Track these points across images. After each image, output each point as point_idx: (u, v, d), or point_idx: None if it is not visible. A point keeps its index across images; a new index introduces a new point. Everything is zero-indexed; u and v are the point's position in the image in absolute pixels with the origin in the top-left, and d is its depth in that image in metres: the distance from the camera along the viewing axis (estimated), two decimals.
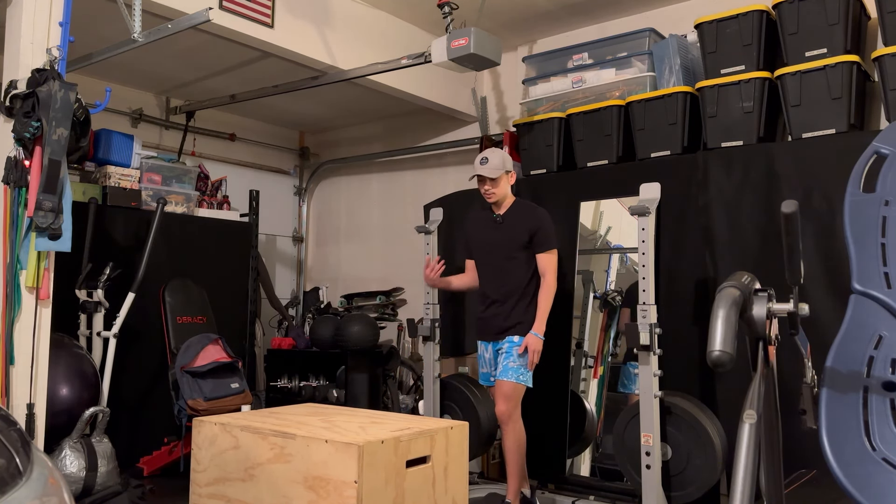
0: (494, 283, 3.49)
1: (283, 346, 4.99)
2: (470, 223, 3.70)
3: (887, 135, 2.30)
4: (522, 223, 3.45)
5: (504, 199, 3.52)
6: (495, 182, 3.46)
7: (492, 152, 3.49)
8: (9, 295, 2.74)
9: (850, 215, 2.21)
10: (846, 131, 3.25)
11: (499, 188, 3.47)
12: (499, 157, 3.47)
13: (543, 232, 3.42)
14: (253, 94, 4.78)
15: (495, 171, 3.43)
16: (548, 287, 3.39)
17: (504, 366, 3.37)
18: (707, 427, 3.24)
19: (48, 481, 1.53)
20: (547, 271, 3.41)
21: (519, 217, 3.48)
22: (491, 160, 3.45)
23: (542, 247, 3.42)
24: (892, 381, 1.99)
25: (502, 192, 3.50)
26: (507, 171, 3.48)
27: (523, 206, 3.54)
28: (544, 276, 3.41)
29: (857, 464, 1.94)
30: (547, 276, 3.40)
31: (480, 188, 3.49)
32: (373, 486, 2.14)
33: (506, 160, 3.48)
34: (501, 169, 3.45)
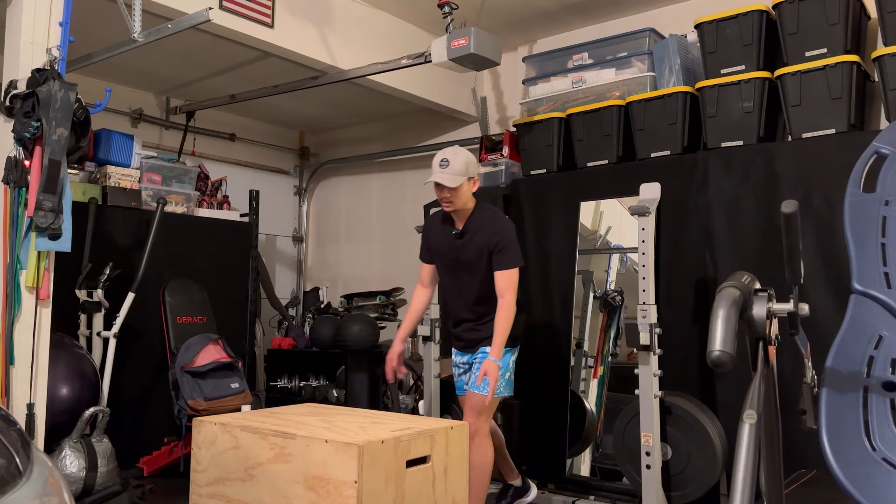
0: (462, 302, 3.20)
1: (283, 346, 4.99)
2: (430, 229, 3.30)
3: (887, 135, 2.30)
4: (481, 238, 3.05)
5: (464, 207, 3.09)
6: (455, 191, 3.00)
7: (453, 154, 3.02)
8: (9, 295, 2.74)
9: (850, 215, 2.21)
10: (846, 131, 3.25)
11: (458, 196, 3.01)
12: (461, 160, 2.99)
13: (502, 247, 3.01)
14: (253, 94, 4.78)
15: (455, 178, 2.97)
16: (506, 308, 2.97)
17: (476, 376, 3.10)
18: (707, 427, 3.24)
19: (48, 481, 1.53)
20: (506, 291, 2.99)
21: (478, 231, 3.08)
22: (452, 163, 2.98)
23: (500, 264, 3.01)
24: (892, 381, 1.99)
25: (462, 201, 3.04)
26: (469, 177, 3.02)
27: (483, 218, 3.10)
28: (502, 297, 2.99)
29: (857, 464, 1.94)
30: (505, 296, 2.98)
31: (437, 194, 3.05)
32: (373, 486, 2.14)
33: (469, 165, 3.02)
34: (464, 175, 2.98)
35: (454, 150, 3.04)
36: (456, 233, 3.13)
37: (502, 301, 2.99)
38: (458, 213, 3.11)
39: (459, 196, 3.02)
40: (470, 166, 3.03)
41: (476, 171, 3.09)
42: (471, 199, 3.11)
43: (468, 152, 3.08)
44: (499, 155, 4.47)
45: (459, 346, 3.31)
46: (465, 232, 3.11)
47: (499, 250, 3.01)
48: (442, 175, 2.98)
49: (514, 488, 3.50)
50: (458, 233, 3.13)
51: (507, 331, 2.98)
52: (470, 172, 3.02)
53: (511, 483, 3.51)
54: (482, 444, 3.05)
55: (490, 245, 3.02)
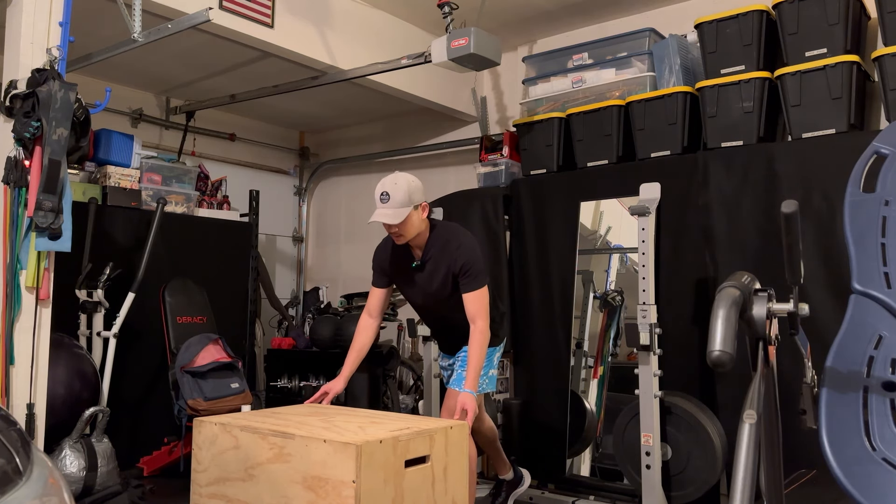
0: (440, 318, 3.09)
1: (283, 346, 4.99)
2: (386, 257, 3.06)
3: (887, 135, 2.30)
4: (443, 264, 2.88)
5: (418, 234, 2.89)
6: (403, 225, 2.80)
7: (392, 183, 2.78)
8: (9, 295, 2.74)
9: (850, 215, 2.21)
10: (846, 131, 3.25)
11: (407, 228, 2.82)
12: (402, 190, 2.76)
13: (467, 270, 2.84)
14: (253, 94, 4.78)
15: (399, 213, 2.75)
16: (480, 334, 2.81)
17: (458, 374, 2.99)
18: (707, 427, 3.24)
19: (48, 481, 1.53)
20: (477, 316, 2.82)
21: (439, 258, 2.89)
22: (393, 195, 2.75)
23: (467, 286, 2.83)
24: (892, 381, 1.99)
25: (414, 231, 2.85)
26: (414, 206, 2.80)
27: (442, 241, 2.91)
28: (474, 322, 2.82)
29: (857, 464, 1.94)
30: (477, 321, 2.81)
31: (386, 230, 2.88)
32: (371, 486, 2.14)
33: (411, 193, 2.78)
34: (408, 205, 2.76)
35: (393, 180, 2.81)
36: (416, 265, 2.94)
37: (474, 328, 2.82)
38: (415, 242, 2.93)
39: (409, 227, 2.83)
40: (413, 194, 2.79)
41: (421, 196, 2.85)
42: (423, 225, 2.90)
43: (410, 177, 2.84)
44: (499, 155, 4.48)
45: (443, 348, 3.24)
46: (426, 261, 2.92)
47: (463, 273, 2.84)
48: (384, 211, 2.77)
49: (506, 482, 3.48)
50: (418, 265, 2.94)
51: (480, 362, 2.80)
52: (414, 200, 2.80)
53: (503, 478, 3.48)
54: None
55: (454, 269, 2.85)
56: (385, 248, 3.08)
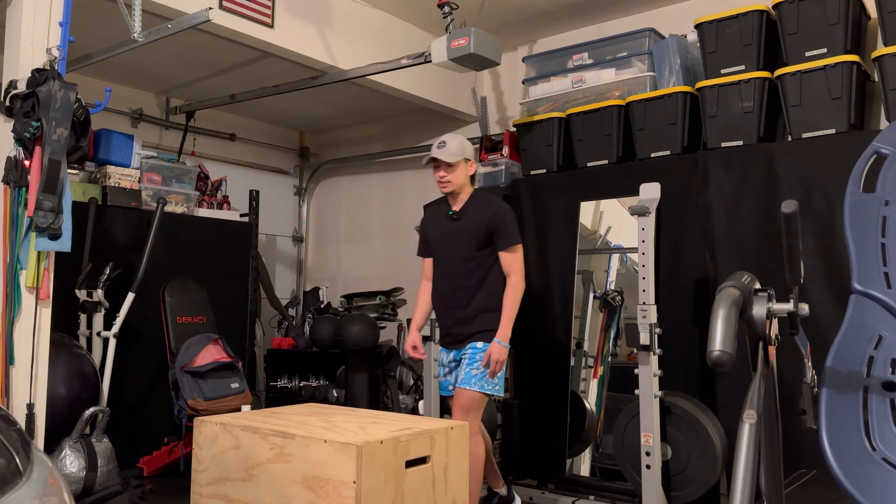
0: (453, 288, 3.17)
1: (283, 346, 4.99)
2: (426, 218, 3.36)
3: (887, 135, 2.30)
4: (479, 217, 3.11)
5: (461, 190, 3.18)
6: (451, 168, 3.12)
7: (450, 137, 3.17)
8: (9, 295, 2.74)
9: (850, 215, 2.21)
10: (846, 131, 3.25)
11: (455, 176, 3.12)
12: (457, 142, 3.14)
13: (504, 226, 3.07)
14: (253, 94, 4.78)
15: (452, 155, 3.10)
16: (513, 289, 3.05)
17: (466, 373, 3.05)
18: (707, 427, 3.24)
19: (48, 481, 1.53)
20: (512, 270, 3.07)
21: (476, 211, 3.14)
22: (448, 144, 3.12)
23: (504, 243, 3.07)
24: (892, 381, 1.99)
25: (458, 182, 3.14)
26: (465, 158, 3.14)
27: (481, 199, 3.18)
28: (509, 277, 3.07)
29: (857, 464, 1.94)
30: (512, 276, 3.07)
31: (435, 175, 3.17)
32: (371, 487, 2.14)
33: (465, 147, 3.16)
34: (459, 155, 3.11)
35: (451, 135, 3.19)
36: (452, 213, 3.18)
37: (509, 281, 3.07)
38: (456, 196, 3.19)
39: (456, 175, 3.13)
40: (466, 148, 3.15)
41: (472, 154, 3.18)
42: (468, 183, 3.20)
43: (463, 138, 3.20)
44: (499, 155, 4.48)
45: (447, 341, 3.23)
46: (463, 213, 3.17)
47: (499, 230, 3.07)
48: (439, 152, 3.10)
49: (499, 496, 3.45)
50: (454, 213, 3.18)
51: (514, 311, 3.04)
52: (466, 154, 3.14)
53: (496, 491, 3.45)
54: (474, 441, 3.01)
55: (491, 224, 3.07)
56: (426, 213, 3.38)
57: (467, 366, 3.06)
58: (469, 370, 3.04)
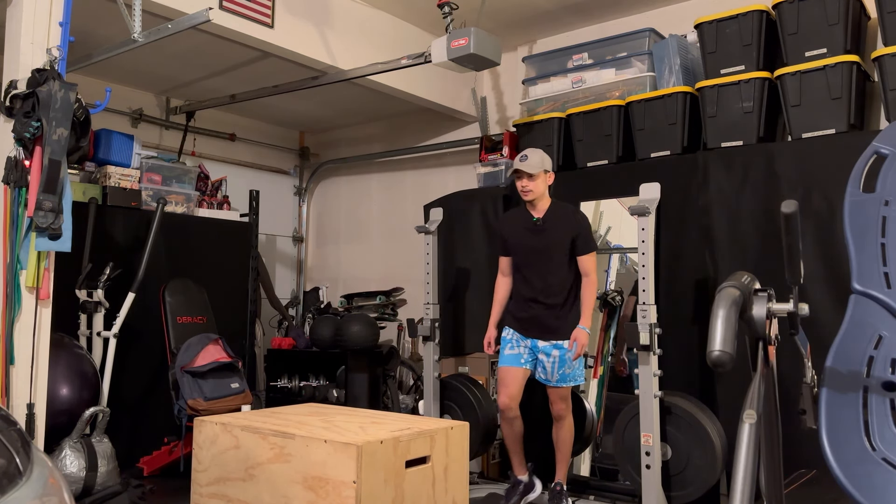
0: (539, 287, 3.47)
1: (283, 346, 4.99)
2: (507, 225, 3.64)
3: (887, 135, 2.30)
4: (564, 228, 3.44)
5: (541, 198, 3.48)
6: (533, 179, 3.43)
7: (532, 151, 3.49)
8: (9, 295, 2.74)
9: (849, 215, 2.21)
10: (846, 131, 3.25)
11: (536, 186, 3.44)
12: (538, 155, 3.46)
13: (584, 236, 3.42)
14: (253, 94, 4.78)
15: (534, 167, 3.41)
16: (591, 284, 3.42)
17: (561, 374, 3.42)
18: (707, 427, 3.24)
19: (48, 481, 1.53)
20: (591, 271, 3.43)
21: (559, 221, 3.46)
22: (530, 157, 3.43)
23: (584, 250, 3.42)
24: (892, 381, 1.99)
25: (539, 191, 3.46)
26: (545, 169, 3.45)
27: (562, 210, 3.51)
28: (588, 276, 3.42)
29: (857, 464, 1.94)
30: (591, 275, 3.43)
31: (518, 185, 3.47)
32: (371, 486, 2.14)
33: (545, 160, 3.47)
34: (540, 167, 3.42)
35: (531, 149, 3.51)
36: (536, 220, 3.48)
37: (588, 279, 3.41)
38: (535, 204, 3.49)
39: (537, 185, 3.44)
40: (545, 161, 3.46)
41: (550, 166, 3.49)
42: (546, 193, 3.51)
43: (542, 151, 3.51)
44: (499, 155, 4.48)
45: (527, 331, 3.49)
46: (546, 221, 3.47)
47: (583, 238, 3.42)
48: (523, 165, 3.41)
49: (523, 484, 3.58)
50: (538, 220, 3.48)
51: (593, 302, 3.41)
52: (545, 166, 3.46)
53: (520, 478, 3.58)
54: (568, 422, 3.49)
55: (574, 233, 3.41)
56: (504, 220, 3.71)
57: (560, 367, 3.41)
58: (563, 371, 3.41)
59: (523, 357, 3.48)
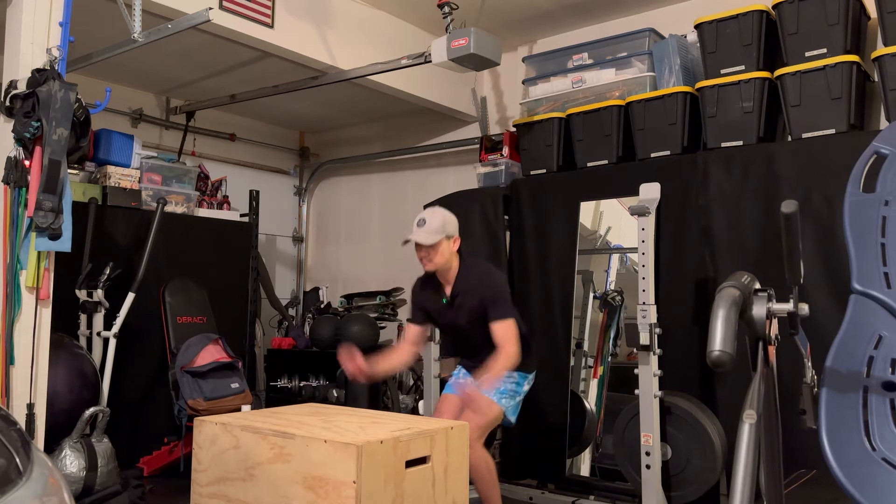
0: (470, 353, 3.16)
1: (283, 346, 4.99)
2: (420, 293, 3.22)
3: (887, 135, 2.30)
4: (473, 298, 3.00)
5: (447, 266, 3.03)
6: (433, 249, 2.95)
7: (432, 213, 3.00)
8: (9, 295, 2.74)
9: (849, 215, 2.21)
10: (846, 131, 3.25)
11: (437, 256, 2.96)
12: (439, 219, 2.97)
13: (495, 301, 2.96)
14: (253, 94, 4.78)
15: (432, 235, 2.93)
16: (506, 356, 2.88)
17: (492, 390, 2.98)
18: (707, 427, 3.24)
19: (48, 481, 1.53)
20: (506, 342, 2.90)
21: (468, 292, 3.01)
22: (429, 222, 2.95)
23: (496, 317, 2.93)
24: (892, 381, 1.99)
25: (442, 261, 2.98)
26: (447, 235, 2.97)
27: (472, 278, 3.04)
28: (503, 347, 2.90)
29: (857, 464, 1.94)
30: (506, 346, 2.90)
31: (417, 254, 3.02)
32: (372, 487, 2.14)
33: (447, 223, 2.98)
34: (440, 233, 2.94)
35: (432, 211, 3.03)
36: (446, 301, 3.07)
37: (503, 350, 2.90)
38: (443, 274, 3.06)
39: (438, 255, 2.97)
40: (448, 225, 2.98)
41: (454, 231, 3.02)
42: (454, 258, 3.05)
43: (447, 212, 3.05)
44: (499, 155, 4.48)
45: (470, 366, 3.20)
46: (455, 296, 3.05)
47: (492, 304, 2.95)
48: (419, 234, 2.95)
49: None
50: (447, 300, 3.07)
51: (501, 372, 2.87)
52: (448, 231, 2.98)
53: None
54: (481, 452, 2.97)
55: (484, 302, 2.97)
56: (420, 285, 3.24)
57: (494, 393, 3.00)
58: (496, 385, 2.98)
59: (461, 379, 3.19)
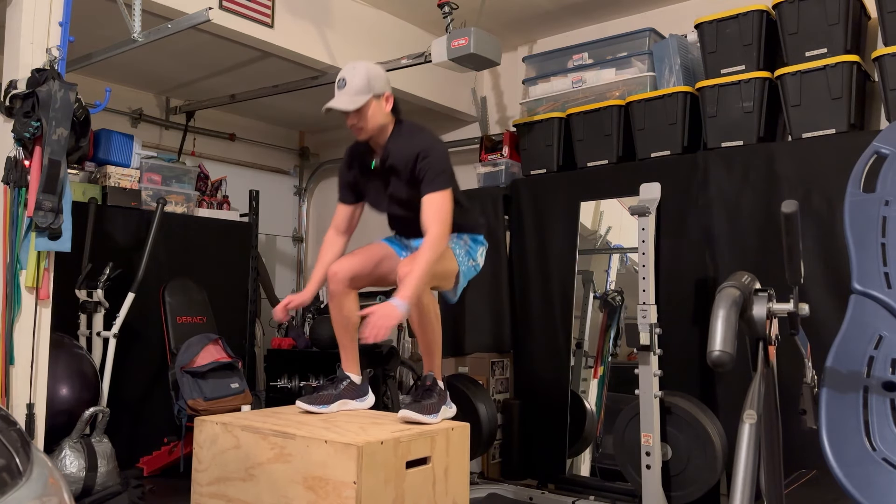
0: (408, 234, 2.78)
1: (283, 346, 4.99)
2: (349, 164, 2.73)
3: (887, 135, 2.30)
4: (405, 162, 2.49)
5: (382, 131, 2.52)
6: (361, 115, 2.45)
7: (353, 70, 2.45)
8: (9, 295, 2.74)
9: (850, 215, 2.21)
10: (846, 131, 3.25)
11: (367, 121, 2.46)
12: (361, 75, 2.43)
13: (427, 167, 2.43)
14: (253, 94, 4.78)
15: (357, 98, 2.42)
16: (430, 243, 2.37)
17: None
18: (707, 427, 3.24)
19: (48, 481, 1.53)
20: (432, 222, 2.39)
21: (401, 155, 2.51)
22: (350, 82, 2.42)
23: (428, 185, 2.42)
24: (892, 381, 1.99)
25: (376, 126, 2.49)
26: (375, 94, 2.45)
27: (405, 137, 2.53)
28: (428, 230, 2.39)
29: (857, 464, 1.94)
30: (432, 228, 2.38)
31: (346, 122, 2.51)
32: (372, 487, 2.14)
33: (372, 79, 2.44)
34: (367, 93, 2.43)
35: (352, 66, 2.47)
36: (374, 165, 2.58)
37: (427, 237, 2.39)
38: (376, 140, 2.56)
39: (368, 120, 2.46)
40: (374, 81, 2.45)
41: (384, 86, 2.49)
42: (387, 120, 2.53)
43: (372, 65, 2.51)
44: (499, 155, 4.48)
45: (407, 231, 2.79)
46: (386, 160, 2.54)
47: (424, 171, 2.44)
48: (340, 98, 2.43)
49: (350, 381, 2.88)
50: (376, 167, 2.58)
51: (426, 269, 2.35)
52: (375, 89, 2.45)
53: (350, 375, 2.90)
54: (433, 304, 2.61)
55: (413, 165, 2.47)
56: (349, 155, 2.73)
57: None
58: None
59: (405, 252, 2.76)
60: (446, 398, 2.62)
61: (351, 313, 2.77)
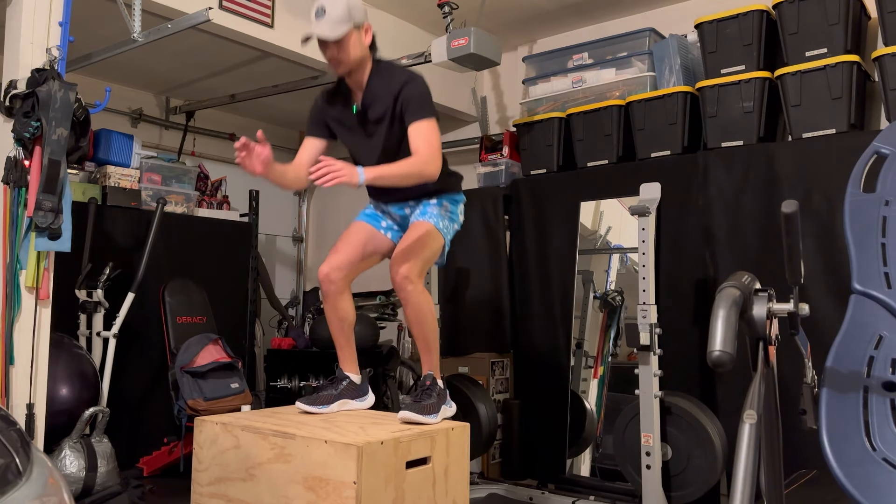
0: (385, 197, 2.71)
1: (283, 346, 4.99)
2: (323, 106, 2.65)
3: (887, 135, 2.30)
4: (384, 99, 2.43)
5: (360, 66, 2.45)
6: (341, 46, 2.37)
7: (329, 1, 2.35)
8: (9, 295, 2.74)
9: (850, 215, 2.21)
10: (846, 131, 3.25)
11: (347, 53, 2.38)
12: (342, 2, 2.34)
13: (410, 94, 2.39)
14: (253, 94, 4.78)
15: (337, 26, 2.33)
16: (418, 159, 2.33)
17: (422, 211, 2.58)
18: (707, 427, 3.24)
19: (48, 481, 1.53)
20: (421, 146, 2.34)
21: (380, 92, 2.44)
22: (330, 10, 2.33)
23: (414, 114, 2.37)
24: (893, 381, 1.99)
25: (355, 58, 2.41)
26: (355, 24, 2.37)
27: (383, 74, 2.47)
28: (416, 152, 2.34)
29: (857, 464, 1.94)
30: (421, 150, 2.33)
31: (324, 55, 2.44)
32: (372, 487, 2.14)
33: (352, 8, 2.36)
34: (347, 22, 2.34)
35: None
36: (356, 110, 2.51)
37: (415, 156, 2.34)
38: (354, 78, 2.49)
39: (348, 51, 2.38)
40: (354, 10, 2.37)
41: (364, 16, 2.42)
42: (366, 53, 2.45)
43: None
44: (499, 155, 4.48)
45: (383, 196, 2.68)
46: (368, 105, 2.48)
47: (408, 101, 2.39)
48: (319, 26, 2.34)
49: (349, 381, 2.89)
50: (358, 110, 2.51)
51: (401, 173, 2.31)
52: (356, 18, 2.37)
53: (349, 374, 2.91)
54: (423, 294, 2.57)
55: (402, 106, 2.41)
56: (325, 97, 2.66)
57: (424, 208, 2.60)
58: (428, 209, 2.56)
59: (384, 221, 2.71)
60: (446, 397, 2.61)
61: (346, 313, 2.81)
